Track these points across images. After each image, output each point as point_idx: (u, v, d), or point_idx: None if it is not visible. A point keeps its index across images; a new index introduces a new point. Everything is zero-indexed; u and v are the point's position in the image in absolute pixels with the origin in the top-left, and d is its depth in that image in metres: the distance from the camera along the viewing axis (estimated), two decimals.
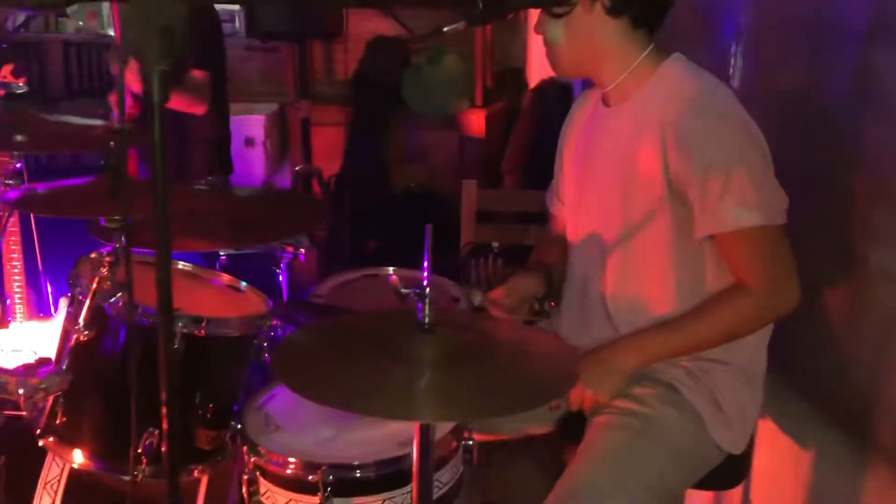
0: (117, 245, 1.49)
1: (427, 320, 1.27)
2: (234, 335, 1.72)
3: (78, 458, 1.64)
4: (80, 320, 1.55)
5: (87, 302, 1.55)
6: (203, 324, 1.68)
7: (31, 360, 2.38)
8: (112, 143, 1.36)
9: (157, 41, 1.01)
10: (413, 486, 1.36)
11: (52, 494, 1.76)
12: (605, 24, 1.61)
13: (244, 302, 1.86)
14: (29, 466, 1.79)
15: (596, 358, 1.66)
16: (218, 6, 4.36)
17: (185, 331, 1.66)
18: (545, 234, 2.05)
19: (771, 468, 1.99)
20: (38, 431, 1.63)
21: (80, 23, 5.44)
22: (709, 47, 2.40)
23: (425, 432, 1.32)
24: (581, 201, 1.81)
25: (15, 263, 2.41)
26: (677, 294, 1.66)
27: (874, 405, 1.63)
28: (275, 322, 1.86)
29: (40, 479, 1.78)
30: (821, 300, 1.81)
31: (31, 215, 2.28)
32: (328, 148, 4.80)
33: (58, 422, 1.65)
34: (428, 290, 1.25)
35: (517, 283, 1.86)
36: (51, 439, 1.64)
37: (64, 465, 1.75)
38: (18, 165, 1.61)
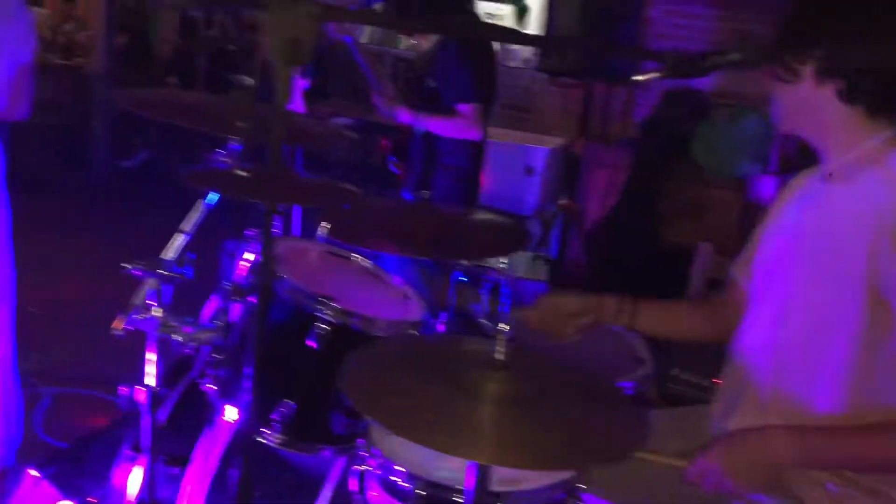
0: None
1: (500, 357, 1.26)
2: (381, 335, 1.83)
3: (230, 413, 1.85)
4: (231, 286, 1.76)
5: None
6: (351, 318, 1.82)
7: None
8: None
9: (286, 50, 1.14)
10: None
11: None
12: (833, 107, 1.44)
13: (405, 308, 1.96)
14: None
15: (741, 443, 1.46)
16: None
17: (337, 321, 1.81)
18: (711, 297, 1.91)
19: None
20: (202, 377, 1.86)
21: (413, 41, 6.00)
22: None
23: (479, 472, 1.30)
24: (769, 274, 1.65)
25: None
26: (849, 403, 1.45)
27: None
28: None
29: None
30: None
31: None
32: (607, 188, 4.80)
33: (222, 374, 1.87)
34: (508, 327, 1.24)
35: (547, 300, 1.84)
36: (213, 387, 1.87)
37: None
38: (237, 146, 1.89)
